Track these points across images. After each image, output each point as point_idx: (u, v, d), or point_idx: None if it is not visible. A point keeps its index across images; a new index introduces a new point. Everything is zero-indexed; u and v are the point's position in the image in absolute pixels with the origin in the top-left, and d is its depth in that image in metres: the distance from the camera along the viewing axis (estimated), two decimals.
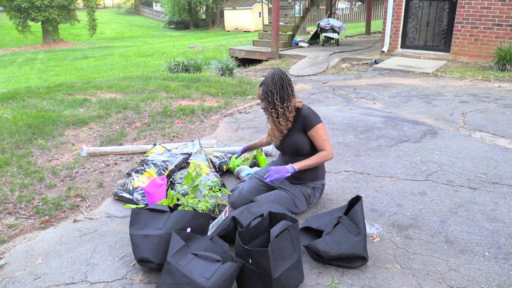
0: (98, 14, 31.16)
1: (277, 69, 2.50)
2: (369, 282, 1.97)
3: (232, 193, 2.72)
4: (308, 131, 2.49)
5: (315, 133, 2.48)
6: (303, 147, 2.52)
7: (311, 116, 2.49)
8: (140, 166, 3.06)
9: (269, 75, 2.47)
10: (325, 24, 11.04)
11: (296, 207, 2.53)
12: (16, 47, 25.52)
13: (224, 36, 26.19)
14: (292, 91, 2.50)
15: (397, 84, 6.59)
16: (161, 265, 1.97)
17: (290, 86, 2.48)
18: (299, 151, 2.54)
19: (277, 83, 2.44)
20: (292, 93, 2.49)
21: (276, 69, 2.50)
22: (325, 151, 2.50)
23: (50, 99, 5.78)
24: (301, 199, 2.56)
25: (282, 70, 2.50)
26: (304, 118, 2.49)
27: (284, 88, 2.45)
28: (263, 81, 2.50)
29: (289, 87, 2.47)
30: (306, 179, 2.60)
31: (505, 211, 2.57)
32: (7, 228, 2.56)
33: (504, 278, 1.97)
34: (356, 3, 30.18)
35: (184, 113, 4.99)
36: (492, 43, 7.36)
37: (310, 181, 2.61)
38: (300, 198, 2.55)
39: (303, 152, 2.54)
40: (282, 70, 2.50)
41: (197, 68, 9.19)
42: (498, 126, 4.26)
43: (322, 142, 2.49)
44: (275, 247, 1.80)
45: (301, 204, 2.56)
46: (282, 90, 2.45)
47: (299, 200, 2.55)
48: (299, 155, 2.56)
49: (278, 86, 2.44)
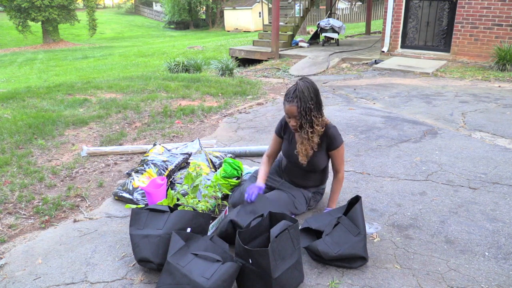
0: (98, 14, 31.16)
1: (307, 80, 2.30)
2: (369, 282, 1.97)
3: (233, 193, 2.72)
4: (332, 150, 2.44)
5: (338, 153, 2.44)
6: (322, 165, 2.50)
7: (338, 135, 2.42)
8: (140, 166, 3.06)
9: (301, 88, 2.25)
10: (325, 24, 11.04)
11: (296, 208, 2.53)
12: (16, 47, 25.53)
13: (224, 36, 26.19)
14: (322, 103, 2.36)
15: (397, 84, 6.59)
16: (161, 265, 1.97)
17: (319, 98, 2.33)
18: (317, 168, 2.51)
19: (313, 97, 2.27)
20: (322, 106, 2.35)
21: (306, 80, 2.30)
22: (341, 173, 2.49)
23: (50, 99, 5.78)
24: (301, 201, 2.55)
25: (310, 80, 2.31)
26: (331, 137, 2.40)
27: (319, 102, 2.31)
28: (295, 94, 2.27)
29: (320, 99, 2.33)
30: (309, 186, 2.61)
31: (505, 211, 2.57)
32: (7, 228, 2.56)
33: (504, 278, 1.97)
34: (356, 3, 30.18)
35: (184, 113, 4.99)
36: (492, 43, 7.36)
37: (312, 187, 2.62)
38: (300, 200, 2.55)
39: (320, 169, 2.52)
40: (311, 81, 2.31)
41: (197, 68, 9.19)
42: (498, 126, 4.26)
43: (340, 163, 2.47)
44: (275, 247, 1.80)
45: (301, 206, 2.55)
46: (318, 104, 2.30)
47: (299, 202, 2.54)
48: (314, 171, 2.53)
49: (315, 100, 2.27)
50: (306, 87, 2.25)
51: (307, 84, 2.27)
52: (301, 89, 2.25)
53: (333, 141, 2.40)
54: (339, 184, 2.51)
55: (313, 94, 2.27)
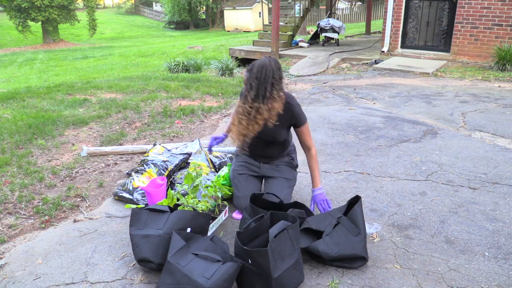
0: (98, 14, 31.17)
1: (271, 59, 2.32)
2: (369, 282, 1.97)
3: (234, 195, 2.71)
4: (298, 128, 2.50)
5: (305, 129, 2.51)
6: (282, 138, 2.55)
7: (301, 114, 2.49)
8: (140, 166, 3.06)
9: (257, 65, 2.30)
10: (325, 24, 11.04)
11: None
12: (16, 47, 25.53)
13: (224, 36, 26.19)
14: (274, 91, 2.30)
15: (397, 84, 6.59)
16: (161, 265, 1.97)
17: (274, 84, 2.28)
18: (277, 141, 2.56)
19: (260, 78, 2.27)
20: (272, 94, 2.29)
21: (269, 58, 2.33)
22: (313, 149, 2.53)
23: (50, 99, 5.78)
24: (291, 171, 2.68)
25: (277, 63, 2.32)
26: (295, 116, 2.46)
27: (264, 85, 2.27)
28: (250, 66, 2.33)
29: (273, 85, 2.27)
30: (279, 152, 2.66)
31: (505, 211, 2.57)
32: (7, 228, 2.56)
33: (504, 278, 1.97)
34: (356, 3, 30.18)
35: (184, 113, 4.99)
36: (492, 43, 7.36)
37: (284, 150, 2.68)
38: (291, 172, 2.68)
39: (280, 141, 2.58)
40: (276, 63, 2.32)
41: (197, 68, 9.19)
42: (498, 126, 4.26)
43: (309, 138, 2.54)
44: (274, 247, 1.80)
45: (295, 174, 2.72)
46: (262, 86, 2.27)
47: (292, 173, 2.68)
48: (274, 142, 2.57)
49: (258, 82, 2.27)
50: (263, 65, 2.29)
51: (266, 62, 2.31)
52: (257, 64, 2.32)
53: (298, 119, 2.46)
54: (315, 161, 2.51)
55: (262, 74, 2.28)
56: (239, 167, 2.69)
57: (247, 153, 2.72)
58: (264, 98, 2.27)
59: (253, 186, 2.63)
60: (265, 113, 2.31)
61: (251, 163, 2.69)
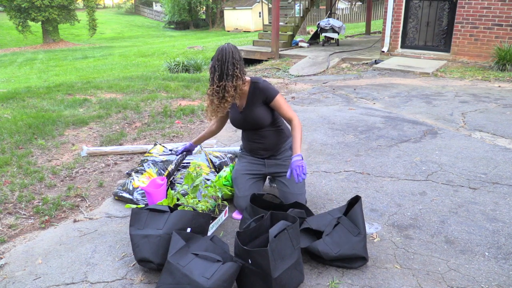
0: (98, 14, 31.16)
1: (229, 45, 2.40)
2: (369, 282, 1.97)
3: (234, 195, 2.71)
4: (271, 102, 2.49)
5: (278, 103, 2.48)
6: (266, 120, 2.54)
7: (270, 88, 2.48)
8: (140, 166, 3.06)
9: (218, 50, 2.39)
10: (325, 24, 11.04)
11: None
12: (16, 47, 25.53)
13: (224, 36, 26.19)
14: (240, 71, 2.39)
15: (397, 84, 6.59)
16: (161, 265, 1.97)
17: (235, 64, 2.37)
18: (262, 124, 2.56)
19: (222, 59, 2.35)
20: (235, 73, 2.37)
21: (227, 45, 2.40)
22: (294, 120, 2.47)
23: (50, 99, 5.78)
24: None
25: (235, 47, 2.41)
26: (264, 91, 2.46)
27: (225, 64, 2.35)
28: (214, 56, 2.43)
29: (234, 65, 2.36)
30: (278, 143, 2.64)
31: (505, 211, 2.57)
32: (7, 228, 2.56)
33: (504, 278, 1.97)
34: (356, 3, 30.18)
35: (184, 113, 4.99)
36: (492, 43, 7.36)
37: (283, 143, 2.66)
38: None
39: (266, 124, 2.56)
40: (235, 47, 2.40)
41: (197, 68, 9.19)
42: (498, 126, 4.26)
43: (287, 109, 2.50)
44: (274, 247, 1.80)
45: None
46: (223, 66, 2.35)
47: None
48: (261, 128, 2.58)
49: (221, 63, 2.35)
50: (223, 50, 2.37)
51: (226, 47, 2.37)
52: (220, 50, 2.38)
53: (268, 94, 2.46)
54: (297, 130, 2.44)
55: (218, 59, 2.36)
56: (242, 167, 2.70)
57: (248, 153, 2.72)
58: (227, 76, 2.37)
59: (254, 187, 2.63)
60: (231, 90, 2.39)
61: (254, 162, 2.69)
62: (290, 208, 2.33)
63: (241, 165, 2.72)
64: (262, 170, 2.68)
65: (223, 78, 2.37)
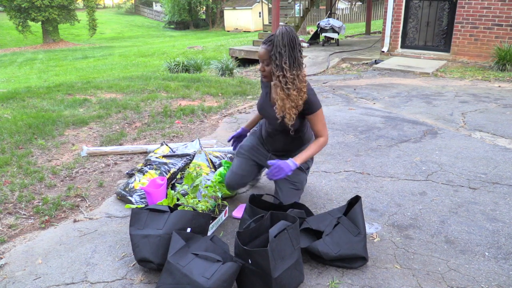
0: (98, 14, 31.16)
1: (288, 27, 2.13)
2: (369, 282, 1.97)
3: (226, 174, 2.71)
4: (310, 115, 2.28)
5: (316, 117, 2.28)
6: (293, 127, 2.33)
7: (315, 99, 2.26)
8: (143, 166, 3.06)
9: (278, 33, 2.09)
10: (325, 24, 11.04)
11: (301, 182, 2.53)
12: (16, 47, 25.53)
13: (224, 36, 26.19)
14: (302, 58, 2.16)
15: (397, 84, 6.59)
16: (161, 265, 1.97)
17: (301, 51, 2.15)
18: (287, 130, 2.38)
19: (287, 44, 2.08)
20: (302, 60, 2.15)
21: (287, 27, 2.12)
22: (323, 138, 2.32)
23: (50, 99, 5.78)
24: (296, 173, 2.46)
25: (293, 29, 2.13)
26: (307, 100, 2.23)
27: (294, 50, 2.10)
28: (269, 38, 2.15)
29: (300, 52, 2.14)
30: (292, 148, 2.53)
31: (505, 211, 2.57)
32: (7, 228, 2.56)
33: (504, 278, 1.97)
34: (356, 3, 30.18)
35: (184, 113, 4.99)
36: (492, 43, 7.36)
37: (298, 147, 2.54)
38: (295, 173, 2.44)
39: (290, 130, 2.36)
40: (293, 30, 2.12)
41: (197, 68, 9.19)
42: (498, 126, 4.26)
43: (322, 127, 2.31)
44: (274, 247, 1.80)
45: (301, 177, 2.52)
46: (293, 53, 2.10)
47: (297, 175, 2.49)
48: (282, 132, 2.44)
49: (288, 47, 2.08)
50: (284, 33, 2.08)
51: (286, 30, 2.09)
52: (278, 33, 2.08)
53: (311, 105, 2.24)
54: (318, 144, 2.29)
55: (287, 40, 2.07)
56: (246, 147, 2.64)
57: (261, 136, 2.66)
58: (300, 65, 2.12)
59: (248, 170, 2.61)
60: (303, 80, 2.15)
61: (259, 149, 2.65)
62: (290, 208, 2.33)
63: (246, 144, 2.67)
64: (262, 160, 2.66)
65: (295, 67, 2.11)
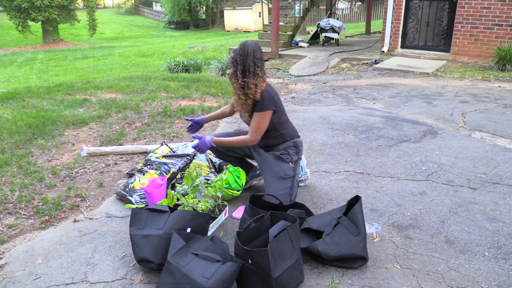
0: (98, 14, 31.14)
1: (251, 42, 2.48)
2: (369, 282, 1.97)
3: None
4: (255, 112, 2.50)
5: (256, 117, 2.50)
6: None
7: (265, 103, 2.47)
8: (143, 166, 3.06)
9: (240, 45, 2.46)
10: (325, 24, 11.04)
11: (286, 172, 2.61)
12: (16, 47, 25.51)
13: (224, 36, 26.19)
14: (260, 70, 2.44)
15: (397, 84, 6.59)
16: (161, 265, 1.97)
17: (256, 63, 2.43)
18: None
19: (241, 55, 2.42)
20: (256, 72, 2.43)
21: (250, 41, 2.49)
22: (248, 137, 2.54)
23: (50, 99, 5.78)
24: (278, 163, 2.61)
25: (255, 44, 2.45)
26: (260, 99, 2.47)
27: (247, 61, 2.42)
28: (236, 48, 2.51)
29: (255, 63, 2.42)
30: (273, 144, 2.66)
31: (505, 211, 2.57)
32: (7, 228, 2.56)
33: (504, 278, 1.97)
34: (356, 3, 30.18)
35: (184, 113, 4.99)
36: (492, 43, 7.36)
37: (279, 144, 2.66)
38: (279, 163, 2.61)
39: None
40: (254, 45, 2.45)
41: (197, 68, 9.19)
42: (498, 126, 4.26)
43: (255, 127, 2.51)
44: (274, 247, 1.80)
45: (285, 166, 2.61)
46: (246, 62, 2.42)
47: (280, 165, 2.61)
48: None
49: (242, 58, 2.42)
50: (244, 45, 2.44)
51: (246, 43, 2.45)
52: (240, 45, 2.46)
53: (259, 103, 2.47)
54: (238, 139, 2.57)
55: (243, 51, 2.41)
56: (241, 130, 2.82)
57: None
58: (249, 73, 2.42)
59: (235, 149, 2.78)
60: (252, 88, 2.44)
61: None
62: (290, 208, 2.33)
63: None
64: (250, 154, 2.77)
65: (245, 75, 2.43)
